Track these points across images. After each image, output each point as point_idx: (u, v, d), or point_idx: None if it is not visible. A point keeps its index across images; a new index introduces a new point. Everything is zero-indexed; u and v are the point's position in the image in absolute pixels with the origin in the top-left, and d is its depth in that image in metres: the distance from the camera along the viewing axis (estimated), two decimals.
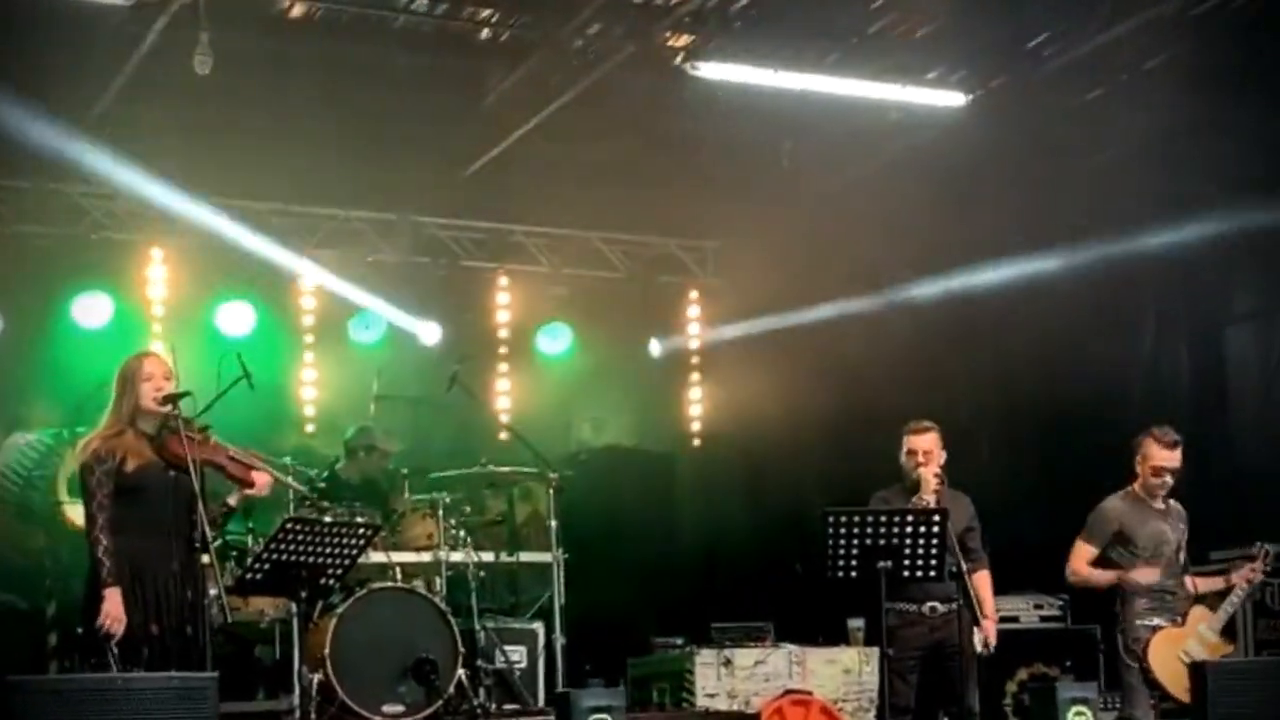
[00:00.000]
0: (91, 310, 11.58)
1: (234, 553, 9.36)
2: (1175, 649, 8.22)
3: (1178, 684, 8.10)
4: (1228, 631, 8.62)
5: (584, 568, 10.33)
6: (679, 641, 9.81)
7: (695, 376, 13.48)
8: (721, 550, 12.64)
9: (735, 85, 10.37)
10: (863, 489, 8.58)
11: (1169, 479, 8.43)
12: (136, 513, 6.99)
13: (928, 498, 8.33)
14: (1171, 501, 8.57)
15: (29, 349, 11.31)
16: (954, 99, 10.74)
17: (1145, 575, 8.29)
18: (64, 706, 6.26)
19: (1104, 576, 8.36)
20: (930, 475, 8.37)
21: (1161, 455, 8.41)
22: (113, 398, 7.19)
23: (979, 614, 8.16)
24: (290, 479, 8.60)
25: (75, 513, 9.90)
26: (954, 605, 8.26)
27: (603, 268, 13.32)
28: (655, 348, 13.29)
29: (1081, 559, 8.45)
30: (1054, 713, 7.92)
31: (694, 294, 13.54)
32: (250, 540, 9.37)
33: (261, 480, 7.28)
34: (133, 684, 6.45)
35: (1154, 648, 8.24)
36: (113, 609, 6.80)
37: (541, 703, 9.66)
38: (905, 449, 8.53)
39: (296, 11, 10.20)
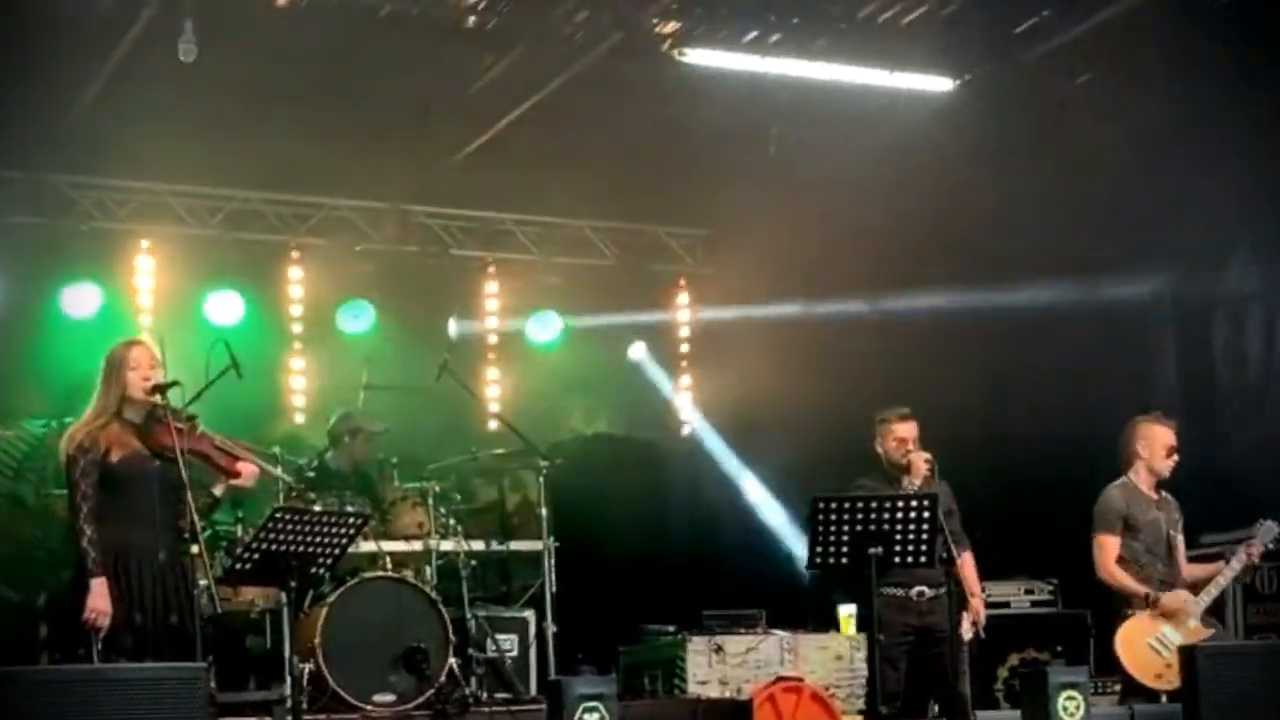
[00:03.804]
0: (80, 300, 11.56)
1: (224, 543, 9.36)
2: (1145, 636, 8.24)
3: (1146, 671, 8.14)
4: (1216, 614, 8.64)
5: (575, 555, 10.34)
6: (670, 629, 9.81)
7: (685, 364, 13.47)
8: (712, 537, 12.64)
9: (723, 71, 10.36)
10: (850, 476, 8.61)
11: (1176, 456, 8.47)
12: (121, 503, 6.98)
13: (917, 482, 8.35)
14: (1163, 491, 8.58)
15: (18, 340, 11.27)
16: (941, 84, 10.73)
17: (1174, 601, 8.28)
18: (55, 697, 6.22)
19: (1138, 589, 8.34)
20: (920, 460, 8.40)
21: (1167, 434, 8.46)
22: (98, 386, 7.19)
23: (966, 594, 8.20)
24: (278, 469, 8.58)
25: (65, 504, 9.92)
26: (942, 590, 8.28)
27: (593, 255, 13.31)
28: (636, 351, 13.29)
29: (1110, 556, 8.41)
30: (1045, 698, 7.90)
31: (683, 281, 13.53)
32: (240, 530, 9.37)
33: (247, 470, 7.27)
34: (123, 674, 6.44)
35: (1122, 634, 8.26)
36: (96, 601, 6.80)
37: (533, 691, 9.67)
38: (892, 436, 8.55)
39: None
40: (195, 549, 6.93)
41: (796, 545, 11.88)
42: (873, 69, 10.50)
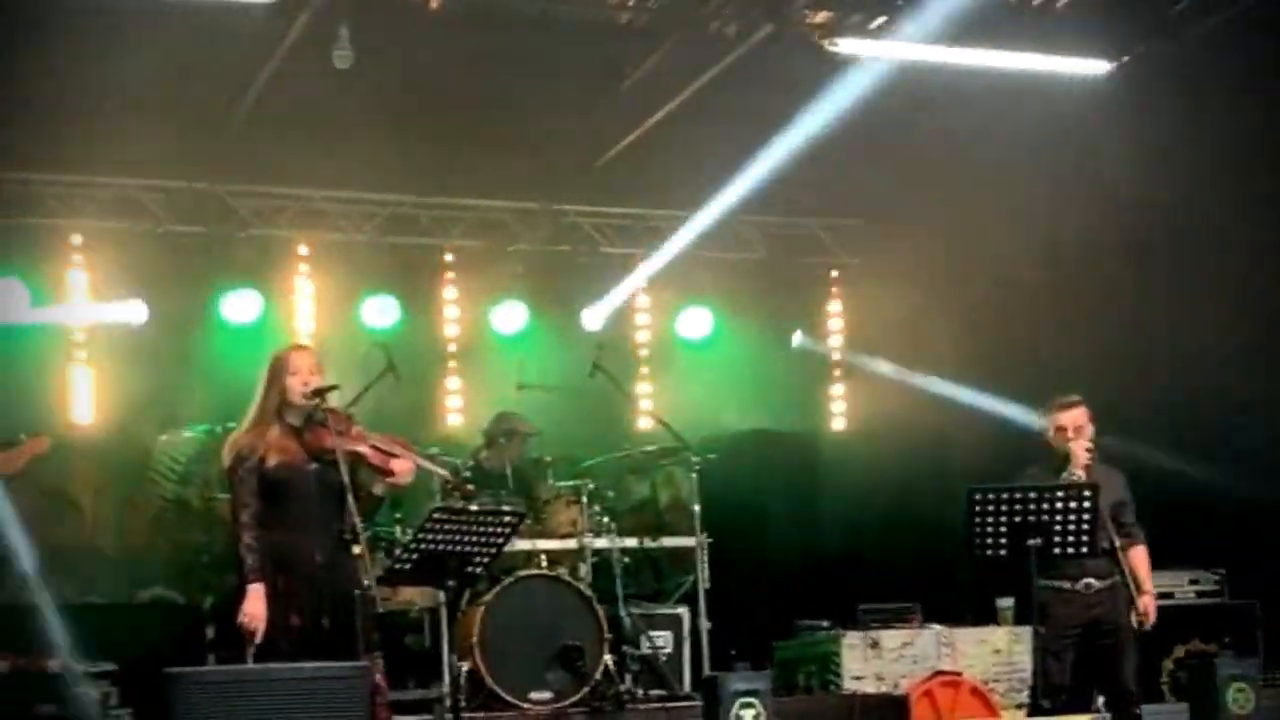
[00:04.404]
0: (241, 307, 11.81)
1: (383, 544, 9.49)
2: None
3: None
4: None
5: (728, 551, 10.33)
6: (825, 624, 9.77)
7: (837, 358, 13.39)
8: (867, 532, 12.54)
9: (874, 61, 10.27)
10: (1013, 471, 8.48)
11: None
12: (280, 508, 7.11)
13: (1078, 472, 8.22)
14: None
15: (181, 347, 11.56)
16: (1097, 66, 10.53)
17: None
18: (221, 698, 6.40)
19: None
20: (1080, 450, 8.26)
21: None
22: (259, 391, 7.31)
23: (1135, 590, 8.03)
24: (435, 464, 8.67)
25: (228, 508, 10.15)
26: (1110, 581, 8.13)
27: (744, 250, 13.29)
28: (798, 338, 13.21)
29: None
30: (1213, 690, 7.75)
31: (835, 273, 13.45)
32: (398, 531, 9.50)
33: (403, 467, 7.34)
34: (286, 675, 6.58)
35: None
36: (252, 607, 6.94)
37: (688, 687, 9.68)
38: (1053, 425, 8.41)
39: (435, 2, 10.28)
40: (357, 550, 7.07)
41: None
42: (1026, 53, 10.34)
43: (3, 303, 11.04)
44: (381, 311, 12.14)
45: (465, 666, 8.63)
